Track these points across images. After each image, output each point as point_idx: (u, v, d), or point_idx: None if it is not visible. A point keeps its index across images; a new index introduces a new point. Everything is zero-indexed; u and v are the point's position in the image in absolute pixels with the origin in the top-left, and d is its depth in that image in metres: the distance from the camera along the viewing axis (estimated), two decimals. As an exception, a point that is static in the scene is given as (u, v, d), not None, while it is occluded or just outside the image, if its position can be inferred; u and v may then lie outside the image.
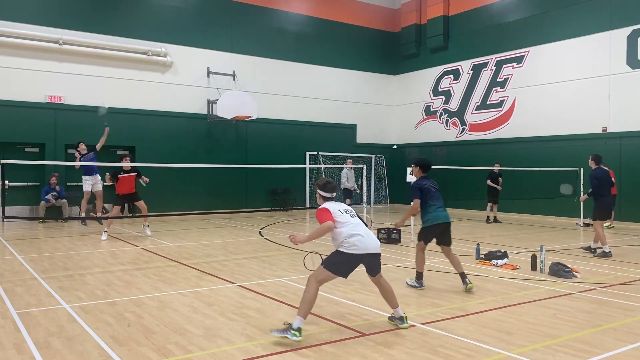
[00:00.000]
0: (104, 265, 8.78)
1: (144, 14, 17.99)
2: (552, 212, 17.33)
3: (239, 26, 19.72)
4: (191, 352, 4.51)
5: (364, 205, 11.99)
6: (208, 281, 7.49)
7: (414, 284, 6.97)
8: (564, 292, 6.85)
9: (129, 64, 17.55)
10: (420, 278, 6.98)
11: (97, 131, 16.98)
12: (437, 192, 6.94)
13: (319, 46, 21.62)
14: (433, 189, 6.92)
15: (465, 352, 4.53)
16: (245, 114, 18.15)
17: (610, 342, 4.80)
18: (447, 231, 6.93)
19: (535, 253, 8.54)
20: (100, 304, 6.16)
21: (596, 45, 16.67)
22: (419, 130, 22.91)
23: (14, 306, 5.99)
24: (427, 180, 7.05)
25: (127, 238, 12.28)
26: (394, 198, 23.25)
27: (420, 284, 6.95)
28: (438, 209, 6.84)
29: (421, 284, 6.94)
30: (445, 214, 6.88)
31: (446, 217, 6.88)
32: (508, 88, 19.31)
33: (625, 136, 15.88)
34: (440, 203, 6.90)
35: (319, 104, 21.50)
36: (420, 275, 6.99)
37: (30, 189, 16.30)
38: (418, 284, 6.95)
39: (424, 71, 22.74)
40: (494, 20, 19.88)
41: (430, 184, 6.97)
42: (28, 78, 16.02)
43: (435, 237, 6.97)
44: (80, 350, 4.56)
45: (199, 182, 18.29)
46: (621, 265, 8.96)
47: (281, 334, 4.67)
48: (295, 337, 4.61)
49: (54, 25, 16.34)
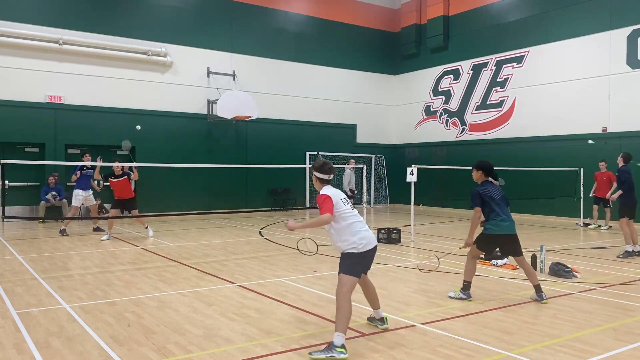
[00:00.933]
0: (104, 265, 8.78)
1: (144, 14, 17.99)
2: (552, 212, 17.34)
3: (239, 26, 19.72)
4: (191, 352, 4.51)
5: (364, 206, 11.99)
6: (208, 281, 7.48)
7: (460, 295, 6.33)
8: (564, 292, 6.85)
9: (129, 64, 17.55)
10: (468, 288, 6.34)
11: (98, 131, 17.09)
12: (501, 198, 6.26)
13: (319, 46, 21.62)
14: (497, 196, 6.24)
15: (465, 352, 4.53)
16: (245, 114, 18.15)
17: (610, 342, 4.80)
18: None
19: (535, 253, 8.54)
20: (100, 304, 6.16)
21: (596, 45, 16.67)
22: (419, 130, 22.91)
23: (14, 306, 5.99)
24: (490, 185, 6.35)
25: (127, 238, 12.28)
26: (394, 198, 23.24)
27: (468, 295, 6.32)
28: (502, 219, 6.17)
29: (468, 295, 6.31)
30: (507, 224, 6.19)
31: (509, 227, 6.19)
32: (508, 88, 19.31)
33: (625, 136, 15.87)
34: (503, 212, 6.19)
35: (319, 104, 21.50)
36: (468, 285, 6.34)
37: (30, 189, 16.30)
38: (465, 295, 6.32)
39: (424, 71, 22.74)
40: (494, 20, 19.88)
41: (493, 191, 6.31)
42: (28, 78, 16.02)
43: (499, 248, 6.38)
44: (80, 350, 4.56)
45: (199, 182, 18.29)
46: (621, 265, 8.96)
47: (326, 354, 4.31)
48: (343, 354, 4.29)
49: (54, 25, 16.35)
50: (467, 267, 6.38)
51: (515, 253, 6.27)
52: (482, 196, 6.19)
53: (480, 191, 6.23)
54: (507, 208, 6.25)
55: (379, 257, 9.63)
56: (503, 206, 6.20)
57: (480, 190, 6.25)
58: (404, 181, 12.68)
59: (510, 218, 6.21)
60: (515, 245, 6.27)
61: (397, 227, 11.86)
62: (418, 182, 12.20)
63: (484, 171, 6.35)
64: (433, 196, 20.64)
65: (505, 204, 6.26)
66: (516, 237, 6.22)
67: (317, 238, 5.45)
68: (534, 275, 6.19)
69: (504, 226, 6.15)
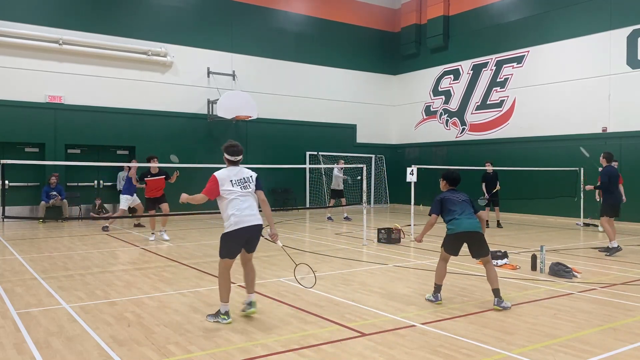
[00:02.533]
0: (104, 265, 8.77)
1: (144, 14, 17.99)
2: (552, 212, 17.33)
3: (239, 26, 19.72)
4: (191, 352, 4.51)
5: (363, 206, 11.98)
6: (208, 281, 7.48)
7: (430, 298, 6.32)
8: (564, 292, 6.85)
9: (129, 64, 17.55)
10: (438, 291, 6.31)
11: (98, 131, 17.09)
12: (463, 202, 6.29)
13: (319, 46, 21.62)
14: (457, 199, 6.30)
15: (465, 352, 4.53)
16: (245, 114, 18.15)
17: (610, 342, 4.80)
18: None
19: (535, 253, 8.54)
20: (100, 304, 6.16)
21: (596, 45, 16.67)
22: (419, 130, 22.91)
23: (14, 306, 5.99)
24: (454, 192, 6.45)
25: (128, 238, 12.28)
26: (394, 198, 23.24)
27: (437, 297, 6.27)
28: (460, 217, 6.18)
29: (437, 298, 6.26)
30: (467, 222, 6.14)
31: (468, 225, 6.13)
32: (508, 88, 19.32)
33: (625, 136, 15.88)
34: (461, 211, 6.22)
35: (319, 104, 21.50)
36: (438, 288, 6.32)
37: (30, 189, 16.30)
38: (434, 297, 6.28)
39: (424, 71, 22.74)
40: (494, 20, 19.89)
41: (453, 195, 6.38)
42: (28, 78, 16.01)
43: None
44: (80, 350, 4.56)
45: (199, 182, 18.20)
46: (621, 265, 8.96)
47: (213, 318, 5.34)
48: (225, 320, 5.27)
49: (54, 25, 16.34)
50: (437, 270, 6.33)
51: (480, 254, 6.15)
52: (442, 201, 6.32)
53: (439, 198, 6.40)
54: (469, 208, 6.22)
55: (379, 257, 9.66)
56: (464, 206, 6.20)
57: (440, 197, 6.42)
58: (404, 181, 12.68)
59: (472, 217, 6.15)
60: (479, 245, 6.12)
61: (397, 228, 11.85)
62: (418, 182, 12.19)
63: (448, 181, 6.53)
64: (433, 196, 20.53)
65: (469, 205, 6.25)
66: (478, 236, 6.10)
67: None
68: (494, 280, 6.01)
69: (461, 224, 6.08)
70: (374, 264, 8.93)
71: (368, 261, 9.28)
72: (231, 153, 5.51)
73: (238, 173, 5.44)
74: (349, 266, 8.64)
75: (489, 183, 14.82)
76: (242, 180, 5.41)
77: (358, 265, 8.81)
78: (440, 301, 6.21)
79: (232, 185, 5.33)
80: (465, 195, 6.43)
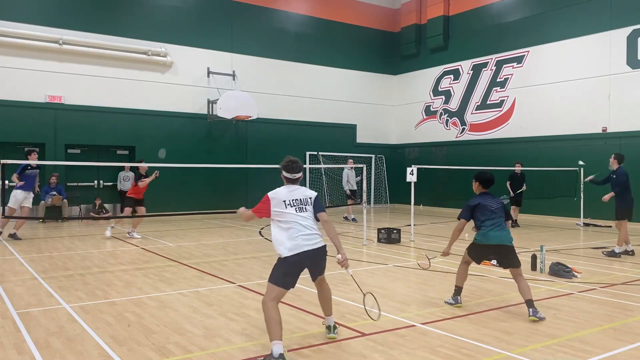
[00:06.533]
0: (104, 265, 8.78)
1: (144, 14, 17.98)
2: (552, 212, 17.33)
3: (239, 26, 19.71)
4: (191, 352, 4.51)
5: (364, 206, 11.98)
6: (208, 281, 7.49)
7: (450, 300, 6.21)
8: (564, 292, 6.85)
9: (129, 64, 17.55)
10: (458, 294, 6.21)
11: (98, 131, 17.09)
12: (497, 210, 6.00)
13: (319, 46, 21.61)
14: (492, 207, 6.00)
15: (465, 352, 4.53)
16: (245, 114, 18.15)
17: (610, 342, 4.80)
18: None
19: (535, 253, 8.54)
20: (100, 304, 6.16)
21: (596, 45, 16.66)
22: (419, 130, 22.91)
23: (14, 306, 5.99)
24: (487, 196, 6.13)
25: (127, 238, 12.27)
26: (394, 198, 23.24)
27: (456, 300, 6.16)
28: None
29: (457, 301, 6.15)
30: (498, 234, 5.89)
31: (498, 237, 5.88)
32: (508, 88, 19.31)
33: (625, 136, 15.87)
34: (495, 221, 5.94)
35: (319, 104, 21.50)
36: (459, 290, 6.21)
37: (30, 189, 16.26)
38: (453, 300, 6.18)
39: (424, 71, 22.73)
40: (494, 20, 19.89)
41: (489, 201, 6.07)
42: (28, 78, 16.01)
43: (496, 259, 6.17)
44: (80, 350, 4.56)
45: (199, 182, 18.28)
46: (621, 265, 8.96)
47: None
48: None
49: (54, 25, 16.34)
50: (458, 273, 6.23)
51: (510, 265, 5.88)
52: (475, 208, 5.98)
53: (472, 204, 6.02)
54: (501, 216, 5.95)
55: (379, 257, 9.67)
56: (496, 215, 5.92)
57: (473, 202, 6.04)
58: (403, 181, 12.67)
59: (502, 229, 5.89)
60: (509, 257, 5.86)
61: (397, 227, 11.86)
62: (418, 182, 12.19)
63: (481, 183, 6.14)
64: (433, 196, 20.65)
65: (502, 212, 5.98)
66: (509, 249, 5.85)
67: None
68: (526, 292, 5.71)
69: (491, 237, 5.83)
70: (374, 264, 8.93)
71: (368, 261, 9.28)
72: (289, 170, 4.81)
73: (295, 192, 4.74)
74: (349, 266, 8.61)
75: (515, 182, 15.21)
76: (298, 200, 4.69)
77: (358, 265, 8.81)
78: (460, 304, 6.09)
79: (286, 206, 4.63)
80: (500, 201, 6.11)
